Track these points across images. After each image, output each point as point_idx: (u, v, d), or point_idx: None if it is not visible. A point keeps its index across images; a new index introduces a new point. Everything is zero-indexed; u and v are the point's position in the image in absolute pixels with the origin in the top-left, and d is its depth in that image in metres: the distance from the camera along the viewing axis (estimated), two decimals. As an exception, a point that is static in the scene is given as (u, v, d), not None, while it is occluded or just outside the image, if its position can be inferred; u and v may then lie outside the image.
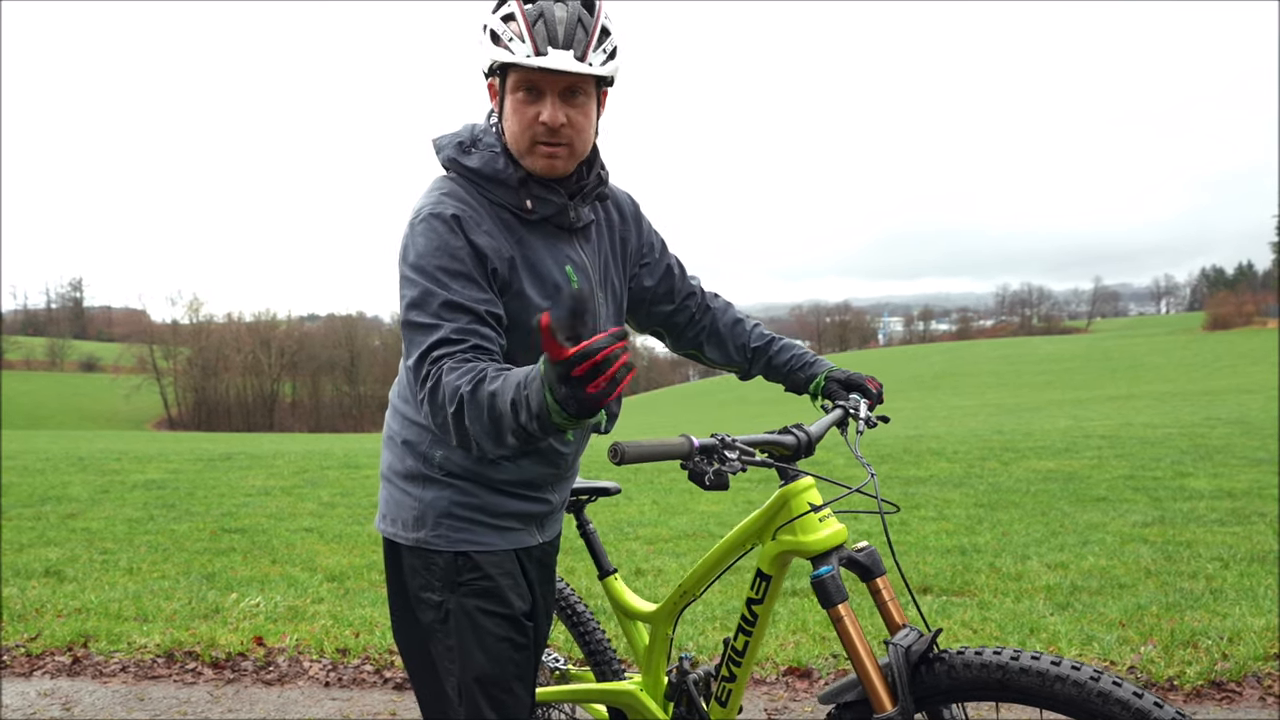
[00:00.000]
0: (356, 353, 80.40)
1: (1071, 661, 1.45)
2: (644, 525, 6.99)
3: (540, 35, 1.60)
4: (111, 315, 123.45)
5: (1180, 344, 68.56)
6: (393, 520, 1.86)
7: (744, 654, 1.88)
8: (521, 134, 1.69)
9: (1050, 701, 1.44)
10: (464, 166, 1.75)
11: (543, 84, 1.65)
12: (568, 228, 1.81)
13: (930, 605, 4.47)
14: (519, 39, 1.62)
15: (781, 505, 1.75)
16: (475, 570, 1.79)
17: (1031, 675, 1.44)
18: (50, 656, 4.16)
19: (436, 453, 1.81)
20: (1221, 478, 8.16)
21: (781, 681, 3.68)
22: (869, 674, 1.59)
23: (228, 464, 12.12)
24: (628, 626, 2.26)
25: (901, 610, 1.69)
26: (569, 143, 1.70)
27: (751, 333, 2.15)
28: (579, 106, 1.68)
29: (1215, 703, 3.31)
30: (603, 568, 2.35)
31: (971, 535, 6.24)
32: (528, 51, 1.61)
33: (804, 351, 2.14)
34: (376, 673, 3.91)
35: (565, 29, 1.61)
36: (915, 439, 12.73)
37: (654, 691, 2.17)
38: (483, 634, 1.78)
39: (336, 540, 6.77)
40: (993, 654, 1.50)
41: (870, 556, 1.72)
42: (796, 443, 1.75)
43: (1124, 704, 1.37)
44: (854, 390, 2.04)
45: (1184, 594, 4.49)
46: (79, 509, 8.46)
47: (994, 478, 8.85)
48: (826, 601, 1.66)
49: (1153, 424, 13.72)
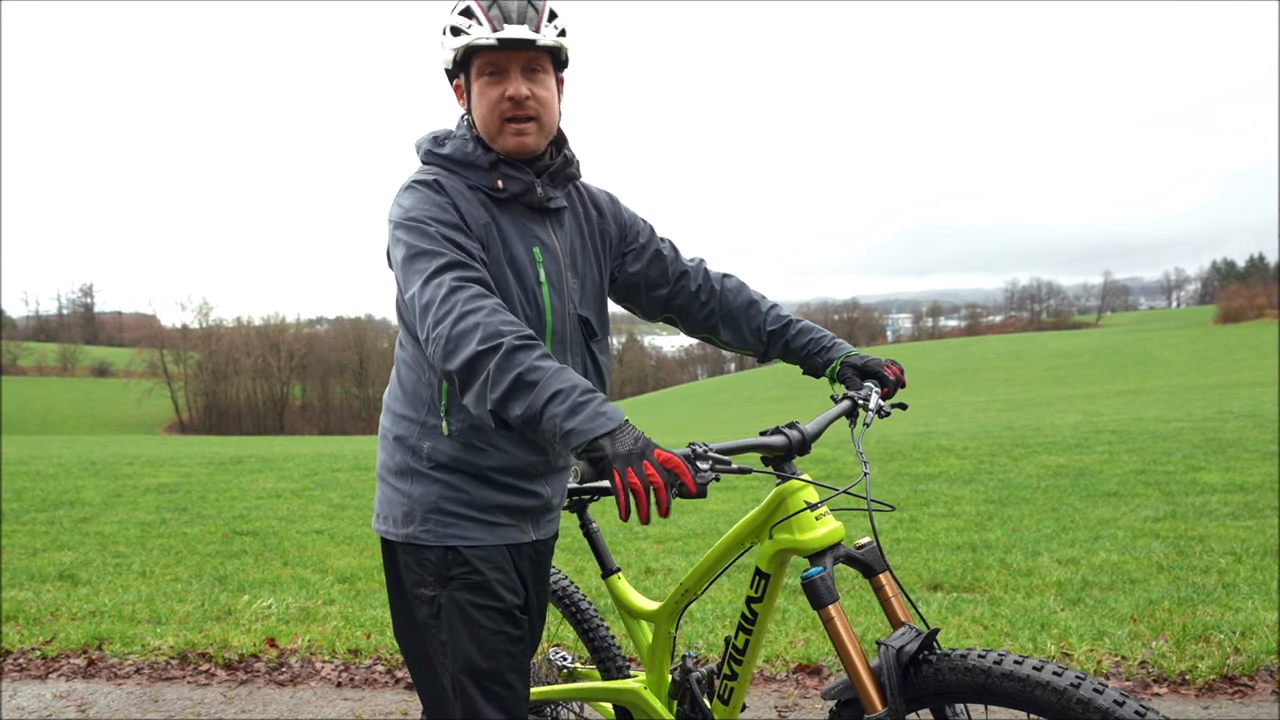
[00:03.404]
0: (365, 355, 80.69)
1: (1054, 666, 1.44)
2: (653, 525, 7.00)
3: (496, 16, 1.75)
4: (122, 320, 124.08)
5: (1191, 338, 68.18)
6: (385, 518, 1.89)
7: (745, 652, 1.89)
8: (490, 114, 1.79)
9: (1032, 705, 1.44)
10: (438, 155, 1.86)
11: (505, 63, 1.77)
12: (537, 207, 1.87)
13: (941, 602, 4.47)
14: (477, 23, 1.75)
15: (778, 504, 1.75)
16: (465, 565, 1.80)
17: (1013, 680, 1.45)
18: (66, 659, 4.19)
19: (425, 444, 1.82)
20: (1233, 471, 8.11)
21: (792, 679, 3.68)
22: (859, 675, 1.60)
23: (239, 467, 12.18)
24: (631, 625, 2.27)
25: (904, 607, 1.68)
26: (536, 116, 1.80)
27: (768, 315, 2.12)
28: (540, 83, 1.80)
29: (1227, 697, 3.29)
30: (606, 567, 2.35)
31: (982, 531, 6.23)
32: (487, 31, 1.74)
33: (822, 334, 2.10)
34: (388, 673, 3.93)
35: (518, 9, 1.76)
36: (925, 435, 12.70)
37: (658, 690, 2.18)
38: (475, 627, 1.79)
39: (347, 542, 6.80)
40: (978, 657, 1.50)
41: (871, 554, 1.72)
42: (787, 443, 1.73)
43: (1104, 712, 1.37)
44: (870, 377, 2.00)
45: (1196, 588, 4.47)
46: (92, 513, 8.52)
47: (1004, 474, 8.83)
48: (817, 603, 1.66)
49: (1164, 418, 13.65)
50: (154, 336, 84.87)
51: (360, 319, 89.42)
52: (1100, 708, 1.37)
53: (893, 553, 5.66)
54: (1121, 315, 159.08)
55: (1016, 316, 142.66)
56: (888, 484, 8.65)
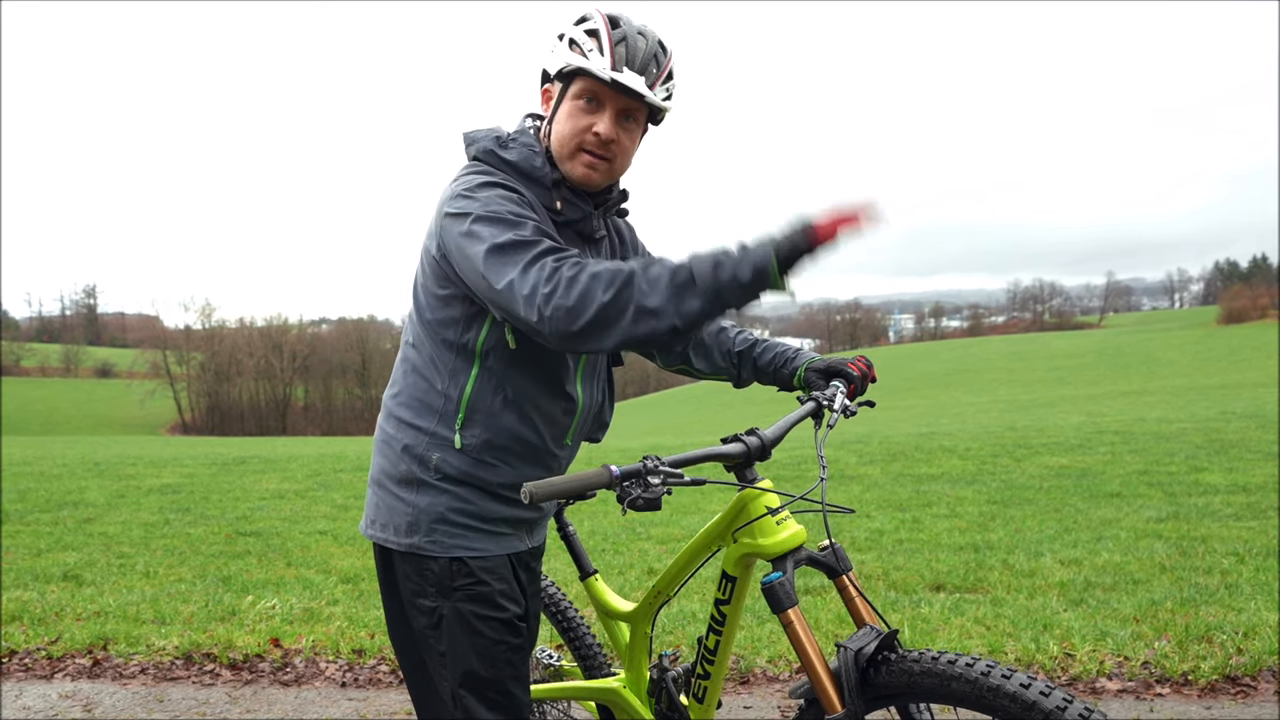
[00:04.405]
0: (368, 356, 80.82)
1: (1004, 669, 1.47)
2: (656, 525, 7.01)
3: (620, 55, 1.70)
4: (125, 321, 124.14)
5: (1194, 338, 68.07)
6: (383, 525, 1.85)
7: (716, 652, 1.92)
8: (570, 138, 1.75)
9: (983, 706, 1.47)
10: (500, 159, 1.79)
11: (606, 99, 1.73)
12: (588, 236, 1.86)
13: (943, 602, 4.47)
14: (598, 52, 1.70)
15: (740, 509, 1.77)
16: (469, 576, 1.80)
17: (964, 682, 1.47)
18: (71, 659, 4.21)
19: (434, 455, 1.80)
20: (1236, 472, 8.11)
21: (795, 679, 3.69)
22: (819, 676, 1.62)
23: (242, 468, 12.20)
24: (609, 626, 2.31)
25: (868, 607, 1.71)
26: (612, 159, 1.77)
27: (735, 338, 2.14)
28: (628, 130, 1.77)
29: (1230, 697, 3.30)
30: (584, 569, 2.38)
31: (984, 532, 6.23)
32: (605, 65, 1.69)
33: (785, 348, 2.12)
34: (392, 673, 3.94)
35: (643, 57, 1.71)
36: (927, 436, 12.70)
37: (636, 688, 2.22)
38: (478, 638, 1.79)
39: (350, 542, 6.81)
40: (932, 658, 1.52)
41: (833, 555, 1.74)
42: (745, 450, 1.73)
43: (1047, 714, 1.40)
44: (835, 377, 2.00)
45: (1199, 589, 4.47)
46: (96, 514, 8.54)
47: (1006, 474, 8.83)
48: (776, 607, 1.67)
49: (1167, 419, 13.64)
50: (157, 337, 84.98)
51: (363, 320, 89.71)
52: (1045, 710, 1.40)
53: (895, 553, 5.67)
54: (1124, 316, 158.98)
55: (1019, 317, 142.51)
56: (890, 484, 8.65)
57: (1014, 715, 1.43)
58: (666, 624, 4.29)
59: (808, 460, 10.14)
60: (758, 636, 4.07)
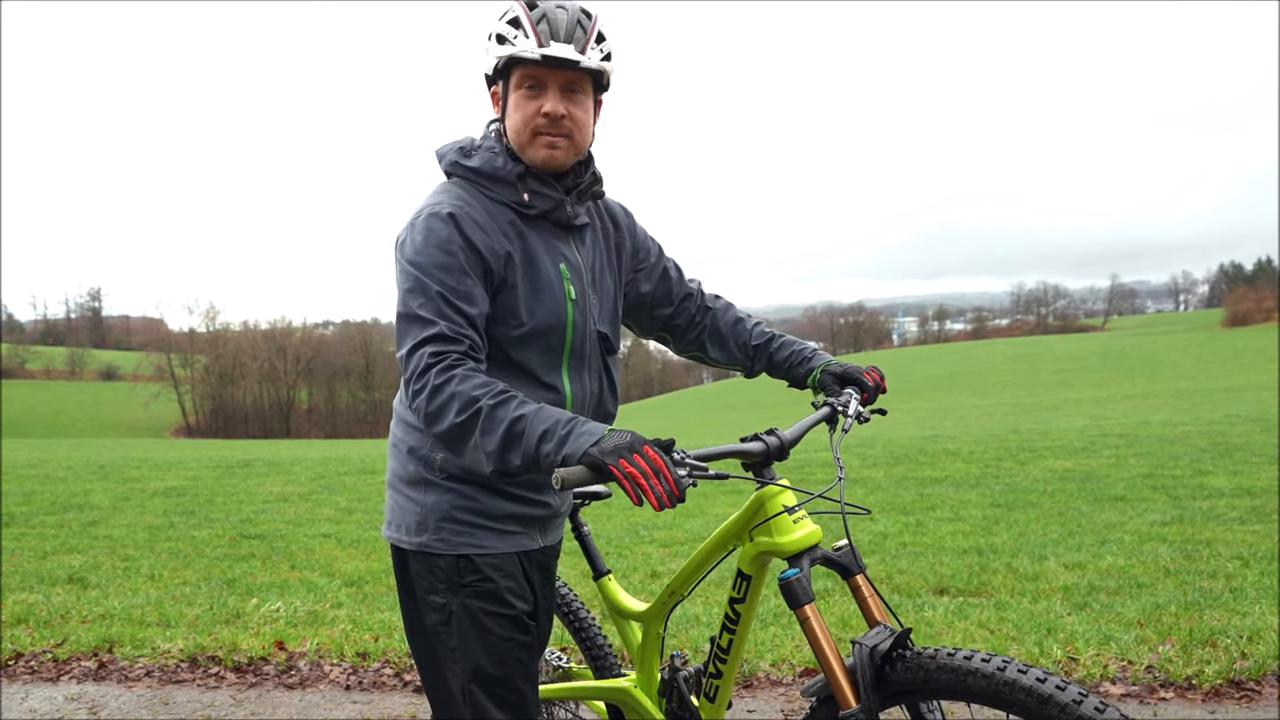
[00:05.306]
0: (371, 358, 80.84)
1: (1020, 665, 1.48)
2: (659, 528, 7.01)
3: (544, 31, 1.73)
4: (130, 324, 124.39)
5: (1199, 341, 67.93)
6: (397, 526, 1.91)
7: (729, 651, 1.93)
8: (524, 126, 1.79)
9: (999, 702, 1.48)
10: (465, 168, 1.85)
11: (545, 79, 1.76)
12: (564, 224, 1.89)
13: (947, 606, 4.47)
14: (524, 36, 1.74)
15: (757, 508, 1.80)
16: (476, 573, 1.83)
17: (980, 677, 1.48)
18: (76, 662, 4.22)
19: (437, 455, 1.84)
20: (1241, 475, 8.09)
21: (799, 683, 3.69)
22: (834, 673, 1.64)
23: (246, 471, 12.22)
24: (621, 626, 2.32)
25: (881, 608, 1.72)
26: (569, 134, 1.80)
27: (752, 331, 2.19)
28: (578, 103, 1.80)
29: (1234, 701, 3.29)
30: (597, 569, 2.41)
31: (988, 535, 6.22)
32: (532, 44, 1.73)
33: (803, 346, 2.16)
34: (396, 676, 3.95)
35: (566, 27, 1.74)
36: (931, 439, 12.69)
37: (648, 688, 2.24)
38: (486, 634, 1.82)
39: (354, 545, 6.82)
40: (948, 655, 1.54)
41: (848, 555, 1.76)
42: (765, 449, 1.78)
43: (1063, 707, 1.41)
44: (850, 384, 2.05)
45: (1203, 593, 4.46)
46: (100, 516, 8.56)
47: (1010, 478, 8.82)
48: (793, 603, 1.70)
49: (1171, 422, 13.61)
50: (161, 340, 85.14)
51: (366, 323, 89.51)
52: (1060, 704, 1.41)
53: (899, 556, 5.66)
54: (1128, 319, 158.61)
55: (1023, 320, 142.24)
56: (894, 488, 8.64)
57: (1030, 710, 1.43)
58: (671, 627, 4.30)
59: (812, 464, 10.14)
60: (761, 640, 4.07)
